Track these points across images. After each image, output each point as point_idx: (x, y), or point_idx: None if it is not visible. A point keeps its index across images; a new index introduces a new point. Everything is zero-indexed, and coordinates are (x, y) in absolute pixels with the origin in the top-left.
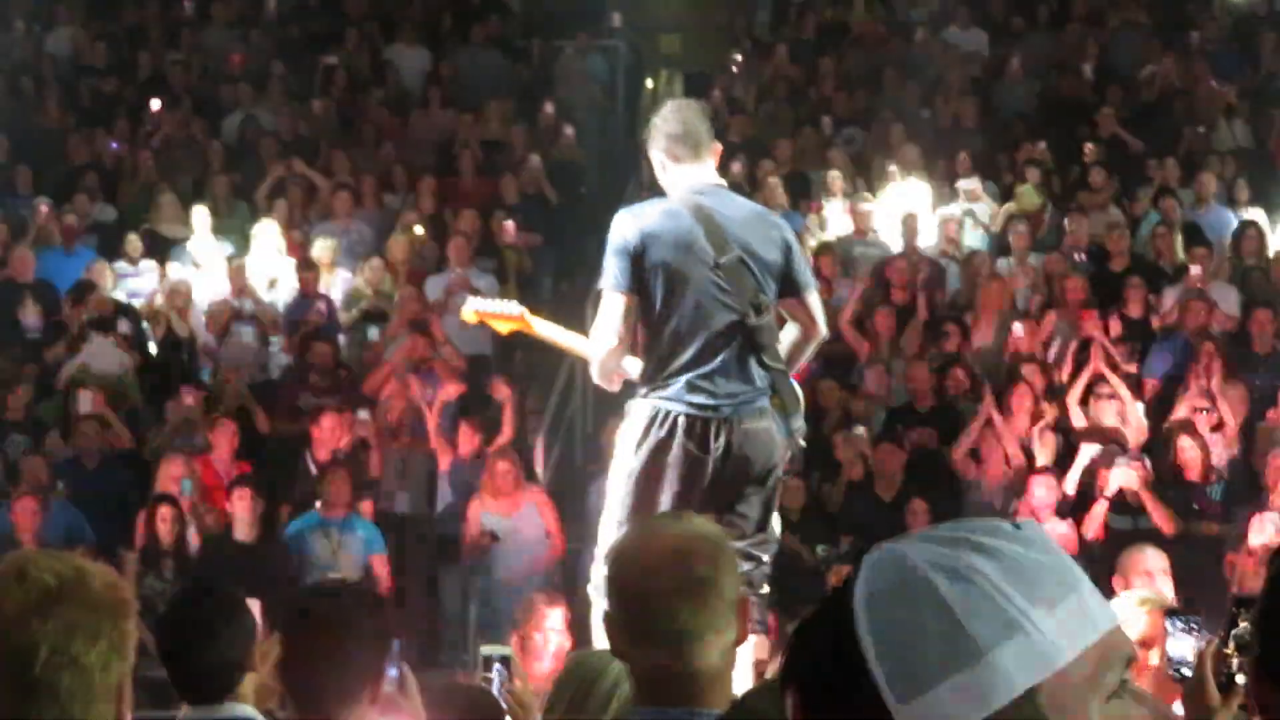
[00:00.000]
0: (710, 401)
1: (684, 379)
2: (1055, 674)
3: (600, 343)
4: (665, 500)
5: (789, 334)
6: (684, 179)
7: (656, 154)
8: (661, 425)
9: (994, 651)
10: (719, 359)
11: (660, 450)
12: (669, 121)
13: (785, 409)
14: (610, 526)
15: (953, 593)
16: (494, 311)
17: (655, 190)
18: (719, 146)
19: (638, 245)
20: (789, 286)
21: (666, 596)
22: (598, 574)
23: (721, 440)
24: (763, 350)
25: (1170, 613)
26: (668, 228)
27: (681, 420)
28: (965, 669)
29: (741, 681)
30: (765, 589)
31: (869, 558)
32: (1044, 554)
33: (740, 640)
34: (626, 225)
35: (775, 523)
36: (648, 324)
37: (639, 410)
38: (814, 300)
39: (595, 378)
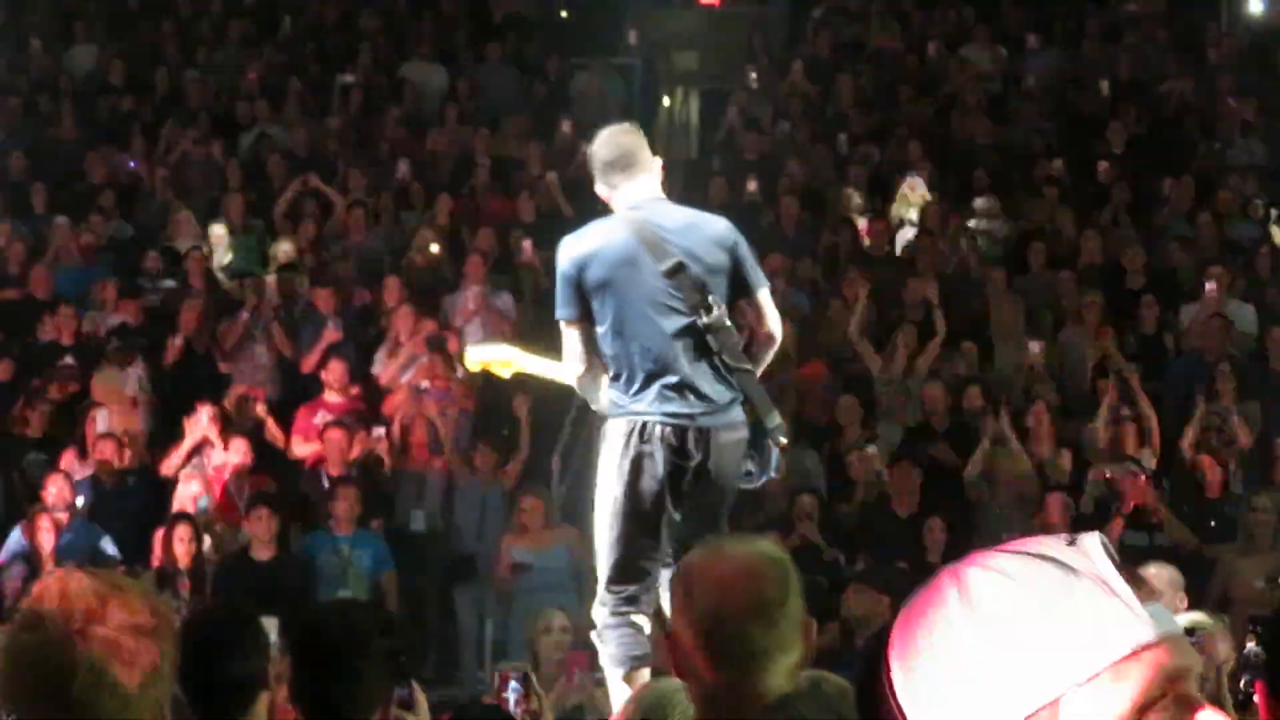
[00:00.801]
0: (685, 409)
1: (654, 388)
2: (1086, 680)
3: (570, 372)
4: (651, 514)
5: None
6: (625, 197)
7: (598, 180)
8: (641, 437)
9: (1020, 655)
10: (683, 365)
11: (642, 463)
12: (601, 149)
13: (757, 411)
14: (602, 560)
15: (983, 616)
16: (492, 359)
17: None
18: (659, 161)
19: (576, 269)
20: (736, 288)
21: (737, 617)
22: (598, 616)
23: (699, 451)
24: (722, 350)
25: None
26: (604, 245)
27: (658, 430)
28: (988, 672)
29: None
30: None
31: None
32: (1103, 563)
33: (806, 662)
34: (564, 252)
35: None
36: (605, 342)
37: (614, 428)
38: (762, 300)
39: (592, 404)
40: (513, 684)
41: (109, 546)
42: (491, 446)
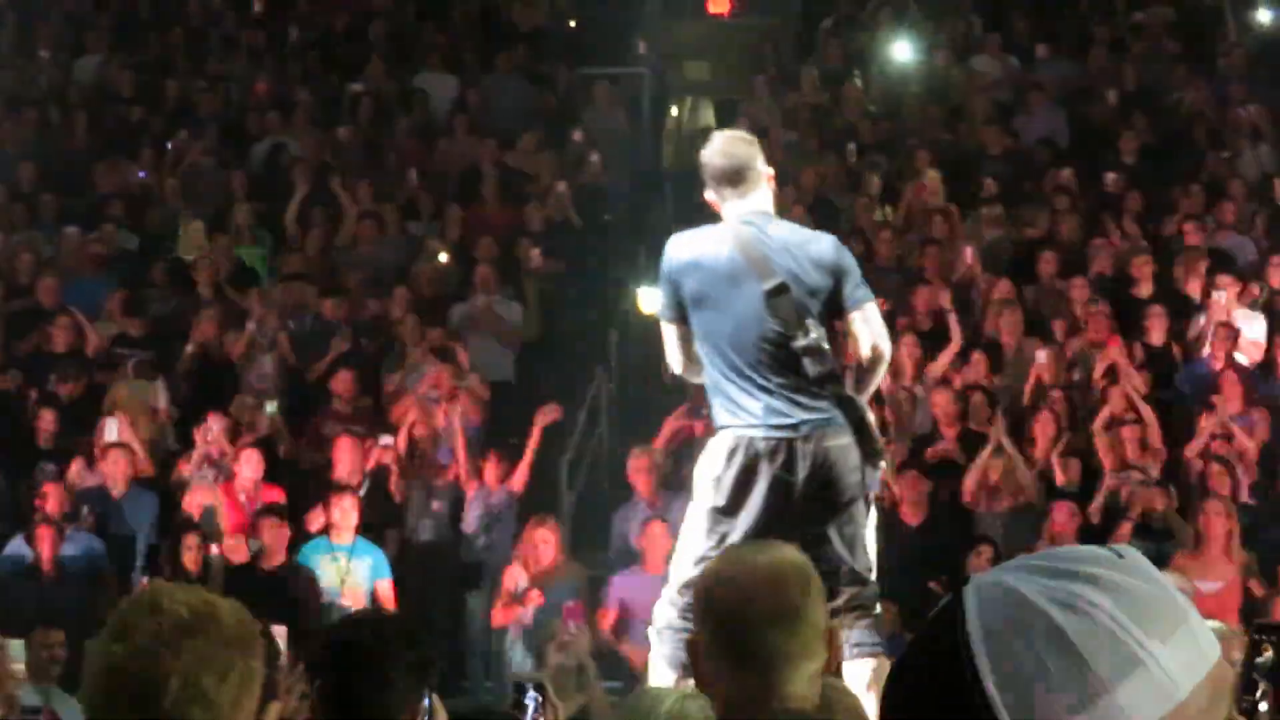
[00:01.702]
0: (789, 421)
1: (760, 404)
2: (1174, 709)
3: (674, 366)
4: (750, 530)
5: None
6: (732, 210)
7: (707, 190)
8: (746, 454)
9: (1118, 689)
10: (784, 382)
11: (745, 480)
12: (715, 158)
13: (859, 432)
14: (686, 564)
15: (1073, 628)
16: None
17: (681, 221)
18: (770, 172)
19: (677, 275)
20: (838, 308)
21: (760, 623)
22: (662, 615)
23: (807, 461)
24: (819, 372)
25: None
26: (708, 257)
27: (763, 445)
28: (1089, 708)
29: (868, 706)
30: (879, 609)
31: (974, 590)
32: (1152, 584)
33: (828, 668)
34: (670, 253)
35: (871, 543)
36: (702, 354)
37: (719, 443)
38: (867, 318)
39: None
40: (531, 693)
41: (106, 557)
42: (500, 455)
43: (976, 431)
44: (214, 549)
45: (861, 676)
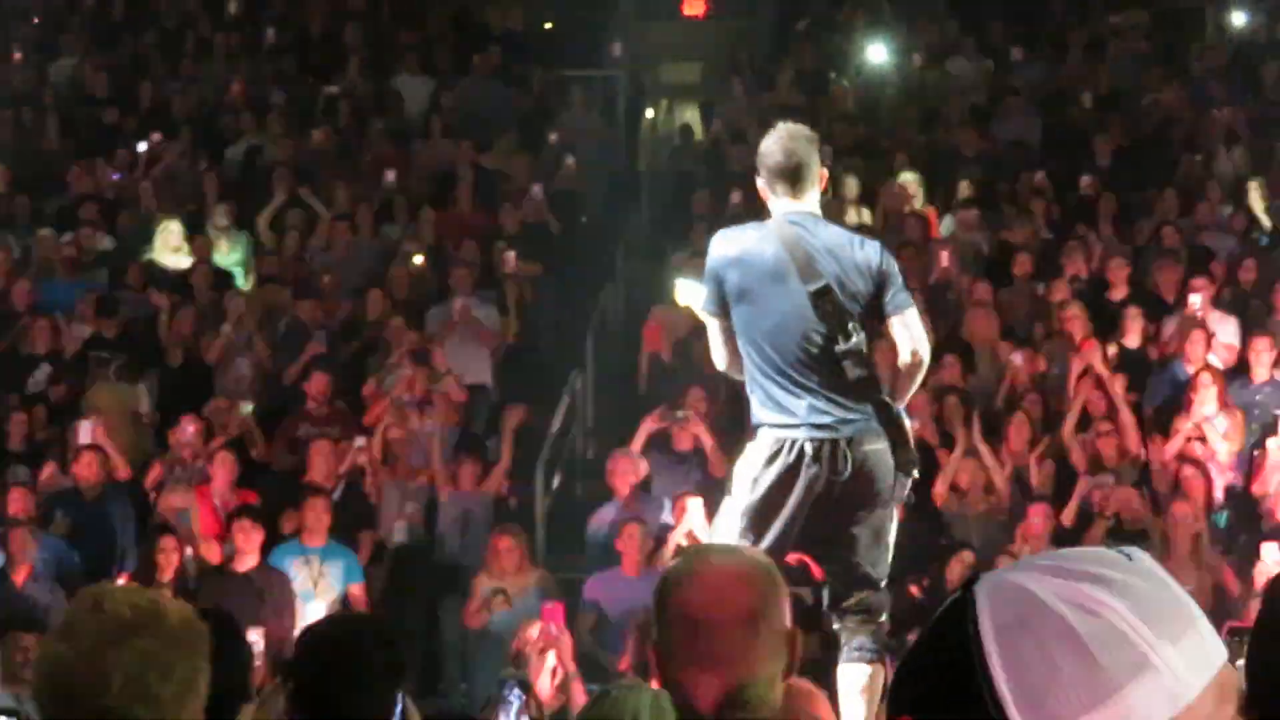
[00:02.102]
0: (831, 421)
1: (803, 405)
2: (1183, 711)
3: (715, 359)
4: (784, 530)
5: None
6: (782, 206)
7: (760, 180)
8: (789, 454)
9: (1126, 690)
10: (825, 383)
11: (787, 479)
12: (773, 153)
13: (894, 438)
14: None
15: (1084, 629)
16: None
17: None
18: (825, 173)
19: (721, 270)
20: (879, 313)
21: (720, 624)
22: None
23: (847, 464)
24: (859, 376)
25: None
26: (754, 253)
27: (808, 446)
28: (1098, 708)
29: (859, 710)
30: (884, 617)
31: (984, 588)
32: (1161, 586)
33: (789, 672)
34: (716, 248)
35: (890, 551)
36: (743, 350)
37: (761, 441)
38: (907, 323)
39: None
40: (515, 691)
41: (76, 561)
42: (475, 458)
43: (950, 434)
44: (188, 552)
45: (857, 681)
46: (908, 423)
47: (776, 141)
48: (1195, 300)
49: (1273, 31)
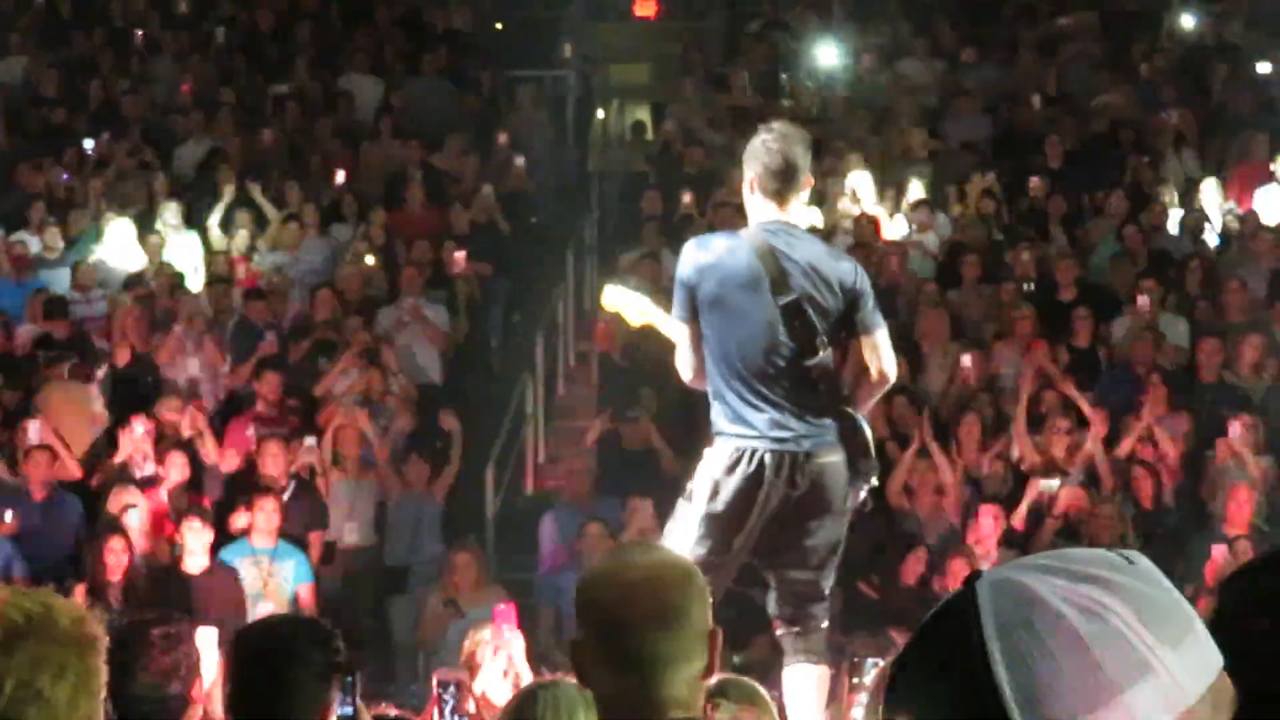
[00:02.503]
0: (790, 435)
1: (761, 416)
2: (1182, 715)
3: (682, 367)
4: (741, 541)
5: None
6: (762, 212)
7: (748, 174)
8: (749, 463)
9: (1128, 693)
10: (790, 396)
11: (748, 488)
12: (770, 153)
13: (853, 449)
14: None
15: (1087, 630)
16: (625, 305)
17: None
18: (811, 179)
19: (693, 277)
20: (851, 329)
21: (637, 624)
22: None
23: (806, 477)
24: (823, 390)
25: None
26: (727, 261)
27: (768, 458)
28: (1099, 711)
29: (805, 710)
30: (826, 623)
31: (986, 587)
32: (1161, 590)
33: (709, 673)
34: (687, 256)
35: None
36: (711, 360)
37: (721, 449)
38: (878, 341)
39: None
40: (451, 689)
41: (18, 565)
42: (424, 459)
43: (904, 433)
44: (137, 552)
45: (804, 684)
46: (868, 431)
47: (775, 141)
48: (1144, 301)
49: (1221, 34)
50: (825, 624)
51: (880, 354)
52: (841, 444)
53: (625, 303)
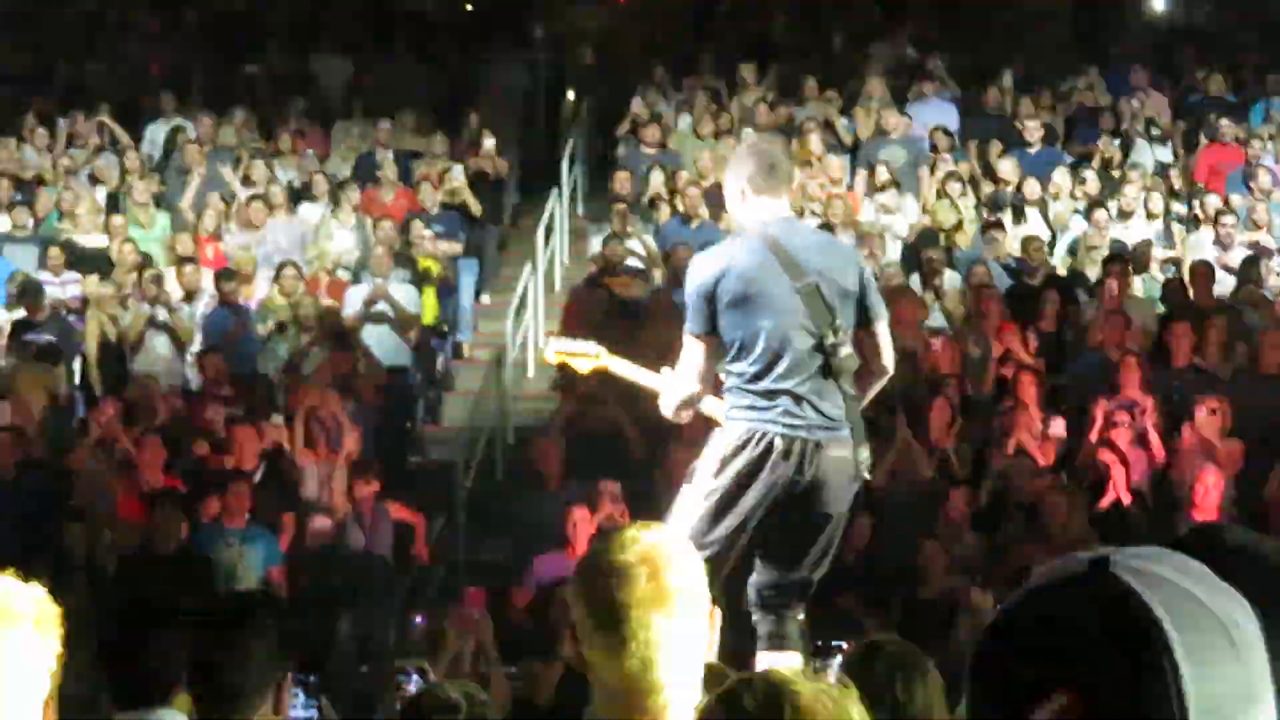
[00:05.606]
0: (802, 422)
1: (780, 401)
2: None
3: (684, 385)
4: (744, 520)
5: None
6: (758, 211)
7: (736, 183)
8: (757, 445)
9: (1260, 706)
10: (808, 383)
11: (752, 471)
12: (760, 154)
13: (856, 440)
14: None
15: (1238, 639)
16: (574, 352)
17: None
18: (798, 175)
19: (711, 284)
20: (861, 316)
21: (637, 606)
22: None
23: (813, 466)
24: (842, 376)
25: None
26: (739, 261)
27: (778, 441)
28: (1245, 715)
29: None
30: (802, 615)
31: (1135, 578)
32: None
33: (708, 651)
34: (698, 268)
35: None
36: (735, 352)
37: (731, 429)
38: (882, 332)
39: (665, 412)
40: (414, 678)
41: None
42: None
43: (871, 421)
44: (107, 535)
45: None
46: (862, 424)
47: (757, 145)
48: (1114, 285)
49: (1192, 18)
50: (802, 615)
51: (882, 345)
52: (852, 440)
53: (570, 351)
